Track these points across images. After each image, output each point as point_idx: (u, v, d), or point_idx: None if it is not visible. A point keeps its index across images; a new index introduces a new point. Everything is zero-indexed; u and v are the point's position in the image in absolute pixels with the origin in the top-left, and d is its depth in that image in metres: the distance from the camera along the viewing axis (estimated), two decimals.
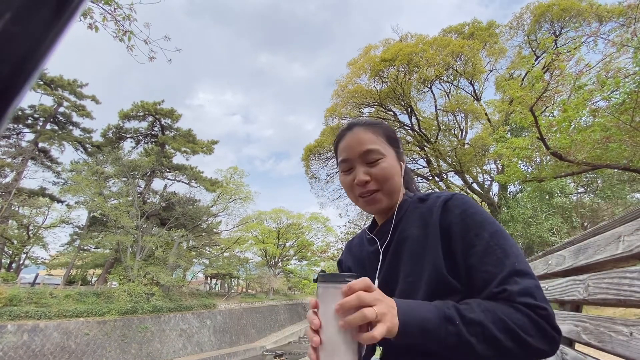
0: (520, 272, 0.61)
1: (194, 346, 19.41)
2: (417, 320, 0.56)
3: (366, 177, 0.81)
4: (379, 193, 0.82)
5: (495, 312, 0.57)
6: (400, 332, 0.54)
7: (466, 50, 13.79)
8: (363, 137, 0.85)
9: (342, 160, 0.87)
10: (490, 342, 0.56)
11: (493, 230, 0.67)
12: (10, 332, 13.27)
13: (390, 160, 0.84)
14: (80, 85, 23.68)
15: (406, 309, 0.57)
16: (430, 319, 0.57)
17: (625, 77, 5.37)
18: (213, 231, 28.91)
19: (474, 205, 0.73)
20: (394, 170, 0.83)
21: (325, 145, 17.57)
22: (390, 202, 0.84)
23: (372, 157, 0.83)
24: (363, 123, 0.89)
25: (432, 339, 0.57)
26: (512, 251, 0.64)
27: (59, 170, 23.85)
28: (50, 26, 0.21)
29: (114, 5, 3.80)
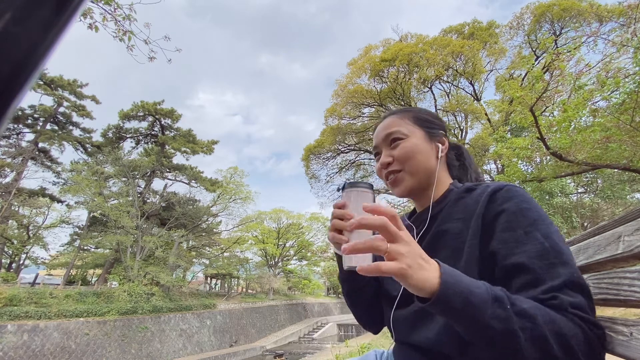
0: (578, 285, 0.53)
1: (194, 346, 19.41)
2: (462, 287, 0.49)
3: (388, 158, 0.82)
4: (401, 173, 0.81)
5: (548, 313, 0.49)
6: (441, 293, 0.47)
7: (466, 50, 13.79)
8: (388, 122, 0.86)
9: (373, 147, 0.90)
10: (539, 342, 0.47)
11: (548, 231, 0.58)
12: (10, 332, 13.27)
13: (414, 139, 0.82)
14: (80, 85, 23.68)
15: (451, 272, 0.50)
16: (477, 293, 0.49)
17: (625, 77, 5.37)
18: (213, 231, 28.91)
19: (529, 200, 0.64)
20: (417, 149, 0.81)
21: (325, 145, 17.56)
22: (417, 183, 0.80)
23: (393, 139, 0.83)
24: (392, 111, 0.90)
25: (475, 315, 0.48)
26: (570, 259, 0.55)
27: (59, 170, 23.87)
28: (50, 26, 0.21)
29: (114, 5, 3.80)
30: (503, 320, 0.47)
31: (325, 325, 32.53)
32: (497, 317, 0.48)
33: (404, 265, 0.48)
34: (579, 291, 0.52)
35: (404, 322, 0.75)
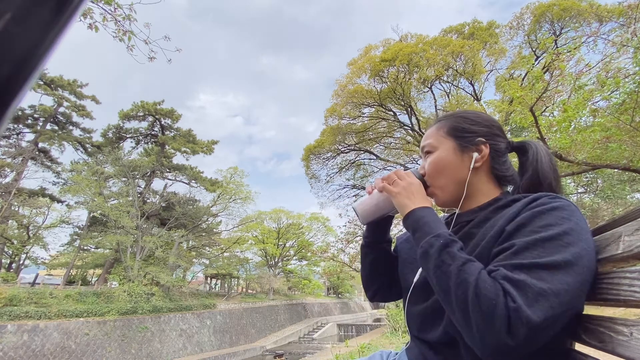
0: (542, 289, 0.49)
1: (194, 346, 19.41)
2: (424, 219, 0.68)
3: (421, 170, 0.84)
4: (430, 188, 0.80)
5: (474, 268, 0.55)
6: (407, 214, 0.71)
7: (466, 50, 13.79)
8: (428, 133, 0.86)
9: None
10: (446, 278, 0.56)
11: (557, 236, 0.54)
12: (10, 332, 13.27)
13: (442, 152, 0.79)
14: (80, 86, 23.68)
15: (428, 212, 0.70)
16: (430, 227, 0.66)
17: (625, 77, 5.37)
18: (213, 231, 28.91)
19: (564, 210, 0.58)
20: (443, 162, 0.78)
21: (325, 145, 17.57)
22: (447, 197, 0.79)
23: (426, 151, 0.84)
24: (437, 119, 0.88)
25: (418, 237, 0.66)
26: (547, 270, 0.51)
27: (59, 170, 23.86)
28: (50, 26, 0.21)
29: (114, 5, 3.80)
30: (430, 245, 0.61)
31: (325, 325, 32.53)
32: (428, 242, 0.63)
33: (397, 190, 0.76)
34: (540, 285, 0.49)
35: (417, 318, 0.76)
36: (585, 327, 0.63)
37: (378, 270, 0.95)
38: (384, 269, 0.95)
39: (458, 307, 0.53)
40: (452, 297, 0.54)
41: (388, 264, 0.94)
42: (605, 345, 0.56)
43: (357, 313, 45.25)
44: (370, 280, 0.97)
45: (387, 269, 0.94)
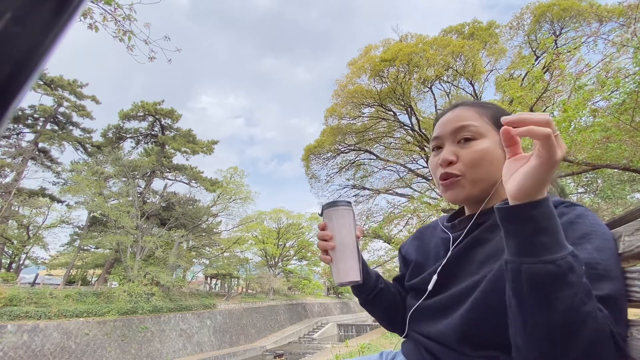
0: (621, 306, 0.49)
1: (194, 346, 19.41)
2: (557, 219, 0.47)
3: (452, 156, 0.70)
4: (461, 179, 0.69)
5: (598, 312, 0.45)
6: (540, 200, 0.46)
7: (466, 51, 13.79)
8: (463, 114, 0.73)
9: (434, 138, 0.77)
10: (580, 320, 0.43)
11: (602, 246, 0.52)
12: (10, 332, 13.27)
13: (489, 143, 0.69)
14: (80, 86, 23.68)
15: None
16: (562, 236, 0.46)
17: (625, 77, 5.37)
18: (213, 231, 28.91)
19: (588, 216, 0.56)
20: (491, 156, 0.68)
21: (325, 145, 17.57)
22: (475, 194, 0.69)
23: (465, 135, 0.70)
24: (469, 103, 0.77)
25: (547, 242, 0.45)
26: (619, 277, 0.50)
27: (59, 170, 23.86)
28: (50, 26, 0.21)
29: (114, 5, 3.80)
30: (571, 269, 0.44)
31: (325, 325, 32.53)
32: (568, 262, 0.44)
33: (561, 156, 0.46)
34: (617, 310, 0.47)
35: (424, 314, 0.72)
36: None
37: (395, 313, 0.86)
38: (396, 307, 0.86)
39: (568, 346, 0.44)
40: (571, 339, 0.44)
41: (398, 300, 0.87)
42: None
43: (357, 313, 45.23)
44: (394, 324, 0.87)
45: (399, 304, 0.86)
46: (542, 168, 0.45)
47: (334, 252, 0.73)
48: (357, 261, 0.73)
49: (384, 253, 17.92)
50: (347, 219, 0.75)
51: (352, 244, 0.73)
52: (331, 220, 0.75)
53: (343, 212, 0.75)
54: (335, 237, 0.74)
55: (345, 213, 0.75)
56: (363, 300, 0.86)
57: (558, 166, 0.46)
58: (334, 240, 0.73)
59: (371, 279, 0.84)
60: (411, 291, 0.81)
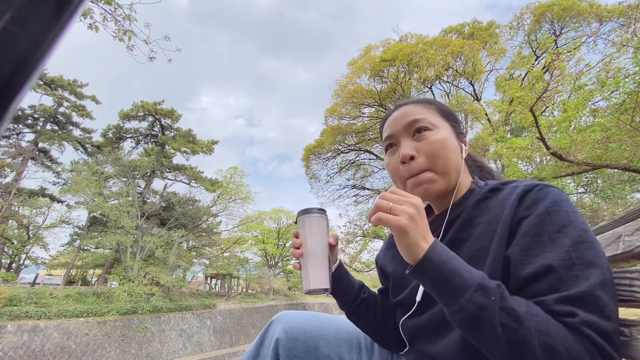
0: (603, 304, 0.45)
1: (194, 346, 19.40)
2: (446, 266, 0.49)
3: (411, 151, 0.68)
4: (429, 172, 0.67)
5: (547, 323, 0.44)
6: (420, 263, 0.50)
7: (466, 51, 13.79)
8: (411, 110, 0.73)
9: (386, 137, 0.75)
10: (519, 347, 0.43)
11: (579, 239, 0.49)
12: (10, 332, 13.27)
13: (444, 132, 0.69)
14: (80, 86, 23.68)
15: (441, 251, 0.51)
16: (463, 276, 0.48)
17: (625, 77, 5.37)
18: (213, 231, 28.91)
19: (561, 202, 0.54)
20: (449, 145, 0.68)
21: (325, 145, 17.57)
22: (445, 186, 0.68)
23: (418, 128, 0.69)
24: (412, 100, 0.77)
25: (451, 294, 0.48)
26: (598, 273, 0.47)
27: (59, 170, 23.87)
28: (50, 26, 0.21)
29: (114, 5, 3.80)
30: (480, 308, 0.45)
31: None
32: (474, 302, 0.46)
33: (404, 221, 0.51)
34: (596, 308, 0.44)
35: (418, 330, 0.69)
36: None
37: (384, 325, 0.81)
38: (384, 319, 0.82)
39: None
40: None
41: (386, 312, 0.83)
42: None
43: None
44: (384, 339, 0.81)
45: (387, 317, 0.82)
46: (396, 237, 0.53)
47: (303, 259, 0.73)
48: (326, 270, 0.72)
49: None
50: (318, 227, 0.75)
51: (322, 252, 0.73)
52: (303, 227, 0.75)
53: (314, 220, 0.75)
54: (304, 245, 0.73)
55: (316, 221, 0.75)
56: (347, 311, 0.82)
57: (404, 229, 0.51)
58: (303, 247, 0.73)
59: (353, 288, 0.81)
60: (400, 307, 0.77)
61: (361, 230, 16.12)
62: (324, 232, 0.75)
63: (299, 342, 0.75)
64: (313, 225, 0.74)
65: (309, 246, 0.73)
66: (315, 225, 0.74)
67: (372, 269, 16.05)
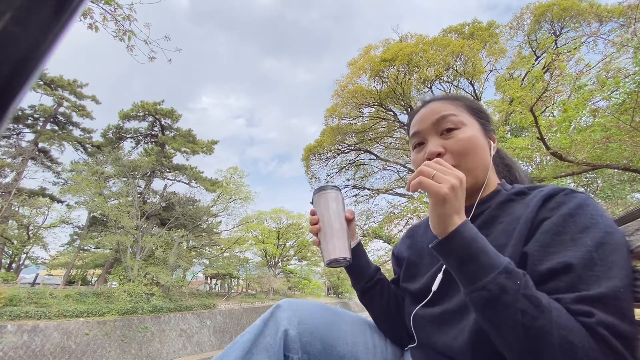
0: (622, 307, 0.44)
1: (194, 346, 19.40)
2: (475, 245, 0.49)
3: (438, 148, 0.68)
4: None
5: (568, 319, 0.43)
6: (451, 233, 0.51)
7: (466, 51, 13.79)
8: (437, 106, 0.73)
9: (413, 134, 0.75)
10: (538, 335, 0.42)
11: (602, 241, 0.48)
12: (10, 332, 13.27)
13: (472, 130, 0.69)
14: (80, 86, 23.68)
15: (471, 230, 0.51)
16: (490, 257, 0.48)
17: (625, 77, 5.36)
18: (213, 231, 28.91)
19: (589, 206, 0.53)
20: (477, 143, 0.68)
21: (325, 145, 17.56)
22: (471, 184, 0.66)
23: (447, 126, 0.69)
24: (440, 96, 0.77)
25: (475, 272, 0.48)
26: (621, 276, 0.46)
27: (59, 170, 23.87)
28: (50, 26, 0.21)
29: (114, 5, 3.80)
30: (503, 290, 0.45)
31: None
32: (498, 284, 0.46)
33: (445, 189, 0.51)
34: (615, 311, 0.44)
35: (430, 322, 0.67)
36: None
37: (396, 313, 0.80)
38: (397, 306, 0.81)
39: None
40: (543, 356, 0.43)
41: (399, 300, 0.81)
42: None
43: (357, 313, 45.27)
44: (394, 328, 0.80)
45: (400, 305, 0.81)
46: (433, 204, 0.53)
47: (321, 233, 0.74)
48: (345, 240, 0.73)
49: (384, 253, 17.92)
50: (333, 201, 0.77)
51: (339, 224, 0.74)
52: (319, 205, 0.77)
53: (329, 195, 0.77)
54: (321, 220, 0.75)
55: (331, 196, 0.77)
56: (360, 290, 0.82)
57: (444, 197, 0.51)
58: (321, 222, 0.75)
59: (370, 267, 0.82)
60: (410, 296, 0.76)
61: (361, 230, 16.11)
62: (340, 207, 0.77)
63: (315, 337, 0.68)
64: (330, 200, 0.76)
65: (327, 220, 0.74)
66: (332, 200, 0.76)
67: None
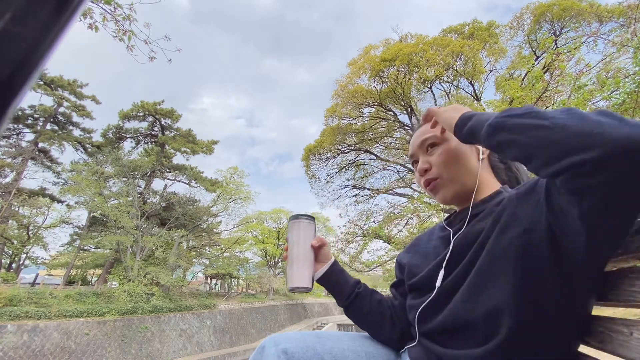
0: None
1: (194, 346, 19.40)
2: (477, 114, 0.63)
3: (425, 164, 0.81)
4: (438, 180, 0.78)
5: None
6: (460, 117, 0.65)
7: (466, 51, 13.79)
8: (423, 129, 0.85)
9: (410, 156, 0.89)
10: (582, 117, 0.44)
11: None
12: (10, 332, 13.27)
13: (453, 143, 0.78)
14: (80, 86, 23.68)
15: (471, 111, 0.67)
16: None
17: (625, 77, 5.36)
18: (213, 231, 28.91)
19: None
20: (458, 152, 0.77)
21: (325, 145, 17.56)
22: (458, 189, 0.77)
23: (429, 144, 0.81)
24: (423, 119, 0.88)
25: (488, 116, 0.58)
26: None
27: (59, 170, 23.86)
28: (50, 26, 0.21)
29: (114, 5, 3.80)
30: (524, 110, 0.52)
31: (325, 326, 32.52)
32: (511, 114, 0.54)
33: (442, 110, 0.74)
34: None
35: (424, 313, 0.72)
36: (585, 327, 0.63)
37: (380, 320, 0.84)
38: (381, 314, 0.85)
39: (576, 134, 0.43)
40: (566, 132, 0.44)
41: (384, 307, 0.86)
42: (604, 346, 0.56)
43: None
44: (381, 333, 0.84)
45: (385, 312, 0.85)
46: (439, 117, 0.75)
47: (288, 260, 0.80)
48: (307, 269, 0.79)
49: (384, 253, 17.92)
50: (302, 231, 0.82)
51: (304, 253, 0.80)
52: (290, 233, 0.83)
53: (300, 224, 0.83)
54: (290, 248, 0.82)
55: (301, 225, 0.82)
56: (344, 306, 0.88)
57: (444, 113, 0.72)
58: (289, 250, 0.81)
59: (348, 284, 0.87)
60: (413, 291, 0.80)
61: (361, 230, 16.11)
62: (309, 236, 0.83)
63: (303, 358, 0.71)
64: (300, 229, 0.82)
65: (294, 248, 0.81)
66: (301, 230, 0.82)
67: (372, 269, 16.04)
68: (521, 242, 0.57)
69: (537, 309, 0.56)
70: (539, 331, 0.56)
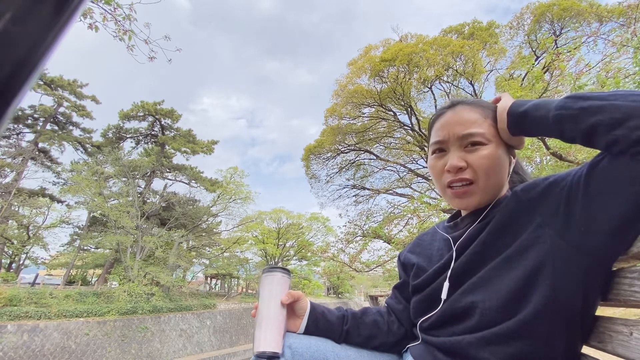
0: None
1: (194, 346, 19.40)
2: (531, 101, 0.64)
3: (461, 162, 0.67)
4: (473, 185, 0.68)
5: None
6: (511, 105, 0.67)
7: (466, 50, 13.78)
8: (467, 116, 0.71)
9: (436, 141, 0.74)
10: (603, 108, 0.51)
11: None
12: (10, 332, 13.26)
13: (497, 149, 0.68)
14: (80, 86, 23.67)
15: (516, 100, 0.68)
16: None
17: (625, 77, 5.36)
18: (213, 231, 28.90)
19: None
20: (500, 162, 0.68)
21: (325, 145, 17.56)
22: (487, 199, 0.69)
23: (472, 141, 0.68)
24: (470, 101, 0.75)
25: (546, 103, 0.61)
26: None
27: (59, 170, 23.86)
28: (50, 26, 0.21)
29: (114, 5, 3.80)
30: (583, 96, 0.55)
31: None
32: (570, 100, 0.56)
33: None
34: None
35: (435, 322, 0.71)
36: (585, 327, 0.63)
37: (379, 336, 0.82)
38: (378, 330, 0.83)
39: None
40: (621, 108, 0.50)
41: (380, 324, 0.84)
42: (605, 346, 0.56)
43: None
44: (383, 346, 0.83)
45: (381, 327, 0.83)
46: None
47: (256, 318, 0.71)
48: (276, 330, 0.69)
49: (384, 253, 17.91)
50: (275, 285, 0.74)
51: (274, 312, 0.71)
52: (262, 286, 0.75)
53: (272, 278, 0.75)
54: (260, 304, 0.73)
55: (274, 279, 0.74)
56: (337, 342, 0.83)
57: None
58: (259, 307, 0.73)
59: (332, 326, 0.80)
60: (417, 293, 0.79)
61: (361, 230, 16.11)
62: (276, 293, 0.73)
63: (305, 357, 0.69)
64: (272, 284, 0.74)
65: (264, 305, 0.72)
66: (274, 284, 0.74)
67: (372, 269, 16.03)
68: (533, 237, 0.60)
69: (545, 308, 0.55)
70: (543, 330, 0.56)
